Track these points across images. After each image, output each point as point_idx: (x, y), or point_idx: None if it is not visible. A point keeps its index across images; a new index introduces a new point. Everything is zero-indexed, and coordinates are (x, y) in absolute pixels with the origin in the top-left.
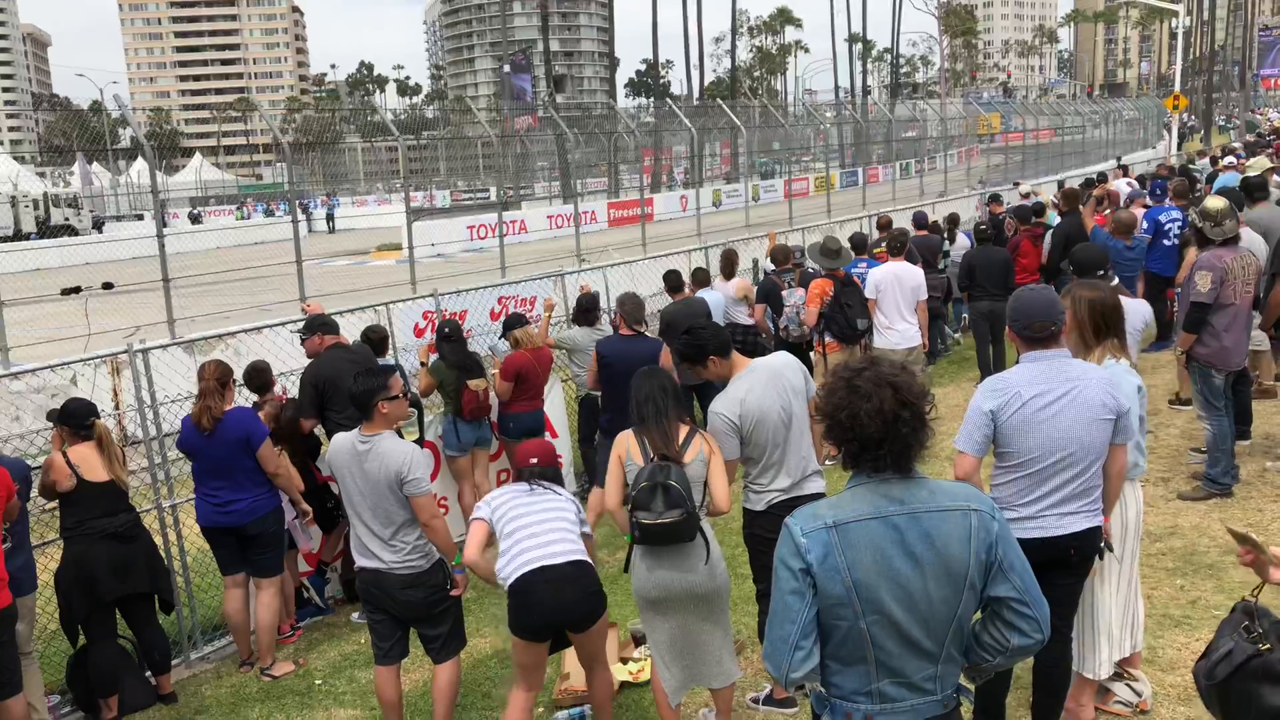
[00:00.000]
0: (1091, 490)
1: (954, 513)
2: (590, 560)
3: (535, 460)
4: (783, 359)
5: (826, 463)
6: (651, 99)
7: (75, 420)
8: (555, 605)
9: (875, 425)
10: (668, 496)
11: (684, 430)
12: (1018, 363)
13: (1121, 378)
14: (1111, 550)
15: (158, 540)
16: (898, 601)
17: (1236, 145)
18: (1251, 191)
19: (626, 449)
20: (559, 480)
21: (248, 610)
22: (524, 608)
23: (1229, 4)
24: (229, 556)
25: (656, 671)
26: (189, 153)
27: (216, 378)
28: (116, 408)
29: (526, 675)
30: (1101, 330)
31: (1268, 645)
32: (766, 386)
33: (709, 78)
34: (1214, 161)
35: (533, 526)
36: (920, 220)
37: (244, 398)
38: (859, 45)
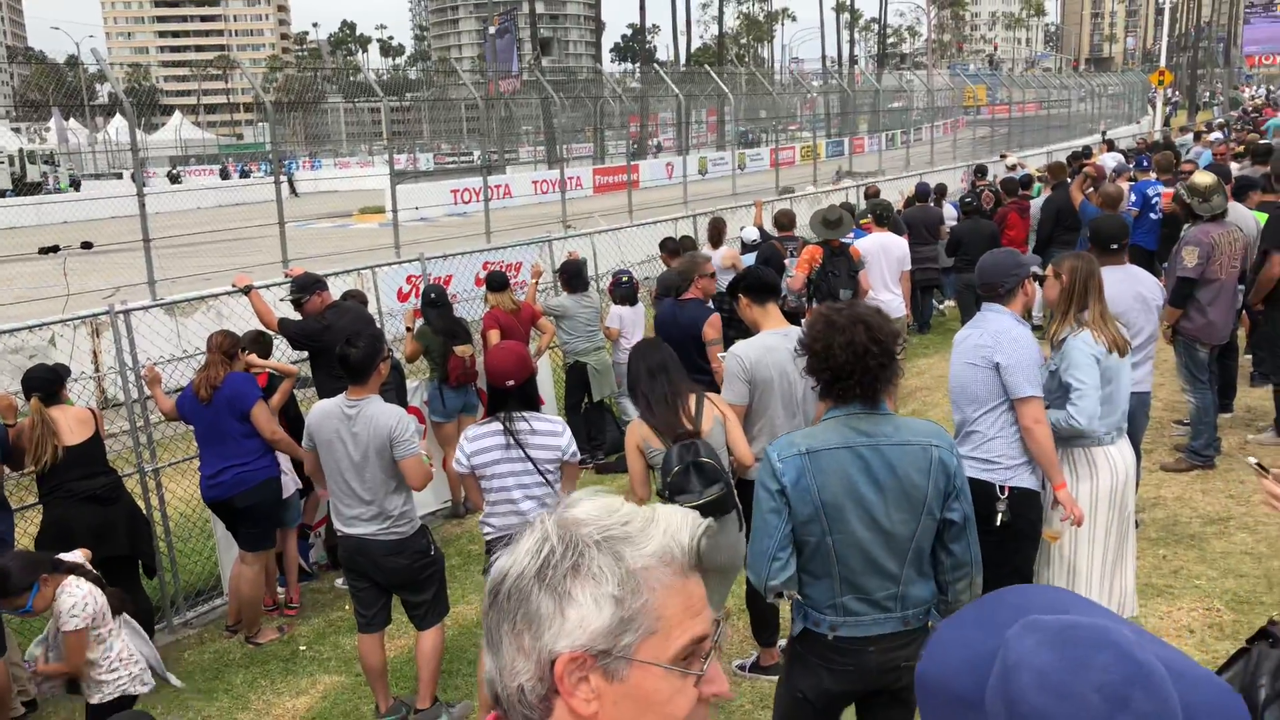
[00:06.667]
0: (976, 436)
1: (915, 447)
2: None
3: (512, 382)
4: None
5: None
6: (638, 64)
7: (44, 387)
8: None
9: (846, 357)
10: (702, 474)
11: (693, 400)
12: None
13: (1073, 346)
14: (998, 513)
15: (140, 504)
16: (861, 522)
17: (1219, 120)
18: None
19: (643, 437)
20: (535, 395)
21: (246, 583)
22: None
23: None
24: (231, 531)
25: None
26: (168, 110)
27: (222, 349)
28: (97, 370)
29: None
30: (1078, 296)
31: None
32: (792, 352)
33: (695, 44)
34: (1197, 137)
35: (503, 493)
36: (923, 191)
37: None
38: (846, 14)
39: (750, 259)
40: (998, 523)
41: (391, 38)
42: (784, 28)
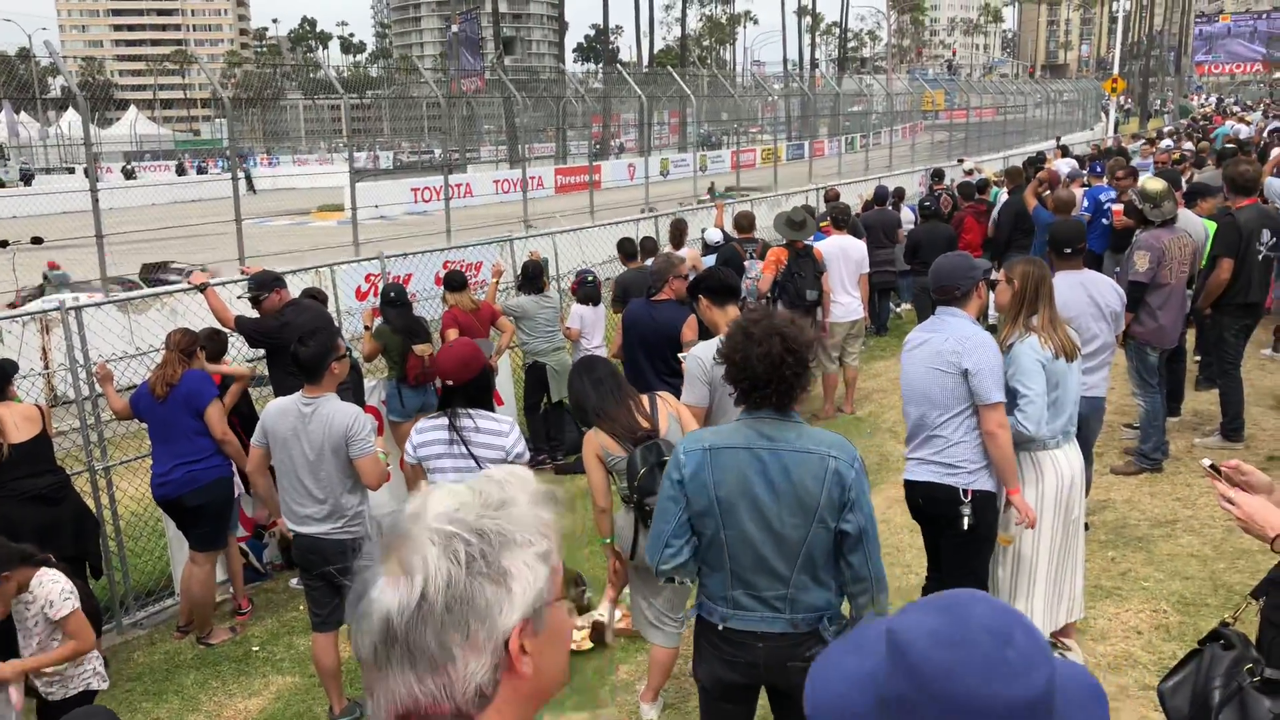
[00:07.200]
0: (938, 441)
1: (813, 455)
2: None
3: (452, 381)
4: None
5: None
6: (601, 65)
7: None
8: None
9: (763, 367)
10: None
11: (645, 400)
12: None
13: (1020, 352)
14: (964, 516)
15: (90, 503)
16: (754, 521)
17: (1169, 128)
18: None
19: (601, 445)
20: (486, 391)
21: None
22: None
23: None
24: (182, 530)
25: (649, 634)
26: (123, 105)
27: (180, 348)
28: (46, 367)
29: None
30: (1029, 301)
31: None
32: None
33: (658, 45)
34: (1149, 143)
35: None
36: (881, 195)
37: None
38: (808, 18)
39: (711, 260)
40: (965, 526)
41: (353, 35)
42: (746, 30)
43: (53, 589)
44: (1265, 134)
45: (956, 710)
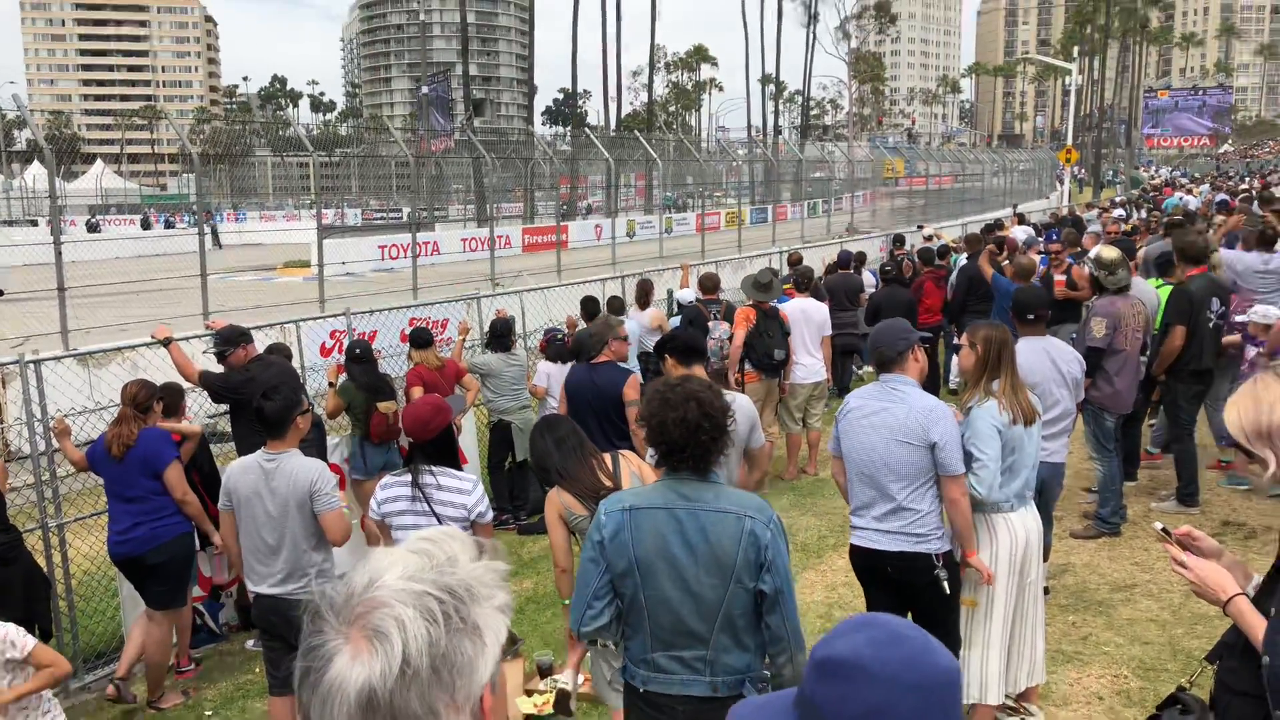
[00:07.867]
0: (908, 514)
1: (730, 515)
2: None
3: (413, 438)
4: (744, 401)
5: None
6: (569, 128)
7: None
8: None
9: (679, 432)
10: None
11: (607, 460)
12: None
13: (977, 416)
14: (943, 580)
15: (41, 561)
16: (672, 581)
17: (1120, 198)
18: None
19: (564, 505)
20: (450, 449)
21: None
22: None
23: (1117, 65)
24: (140, 589)
25: (610, 698)
26: (89, 159)
27: (136, 403)
28: (1, 421)
29: None
30: (991, 366)
31: None
32: None
33: (625, 110)
34: (1101, 213)
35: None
36: (844, 259)
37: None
38: (771, 86)
39: (676, 321)
40: (946, 590)
41: (323, 94)
42: (711, 97)
43: (8, 629)
44: (1213, 205)
45: (926, 690)
